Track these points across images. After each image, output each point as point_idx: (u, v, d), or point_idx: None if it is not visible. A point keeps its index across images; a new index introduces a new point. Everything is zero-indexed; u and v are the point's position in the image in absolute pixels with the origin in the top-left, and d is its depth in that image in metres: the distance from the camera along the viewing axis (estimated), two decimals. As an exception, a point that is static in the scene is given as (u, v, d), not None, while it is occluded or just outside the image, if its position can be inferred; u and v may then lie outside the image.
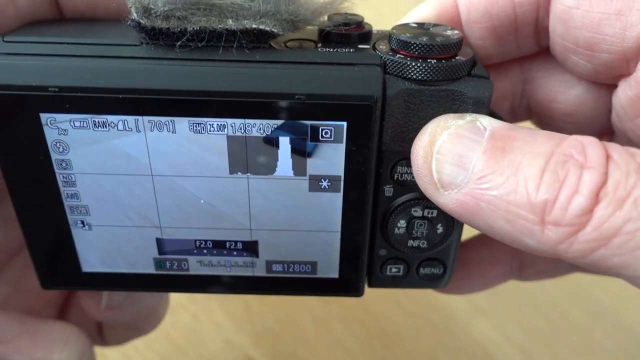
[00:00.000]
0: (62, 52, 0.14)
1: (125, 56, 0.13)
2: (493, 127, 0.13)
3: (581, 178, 0.12)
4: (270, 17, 0.13)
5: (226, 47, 0.13)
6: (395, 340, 0.36)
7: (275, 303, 0.35)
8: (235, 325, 0.35)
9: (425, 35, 0.14)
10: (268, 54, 0.14)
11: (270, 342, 0.35)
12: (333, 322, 0.35)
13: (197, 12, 0.13)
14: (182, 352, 0.34)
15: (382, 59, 0.14)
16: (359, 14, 0.17)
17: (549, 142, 0.12)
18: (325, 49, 0.14)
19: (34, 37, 0.14)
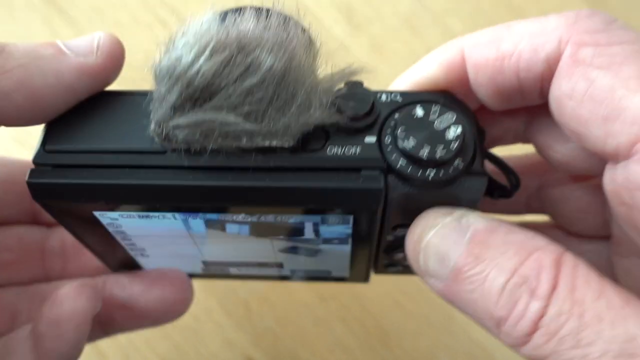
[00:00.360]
0: (102, 162, 0.16)
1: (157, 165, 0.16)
2: (474, 230, 0.15)
3: (528, 306, 0.14)
4: (281, 134, 0.15)
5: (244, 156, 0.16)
6: (395, 340, 0.36)
7: (275, 303, 0.35)
8: (235, 325, 0.35)
9: (429, 137, 0.15)
10: (281, 160, 0.15)
11: (270, 341, 0.35)
12: (333, 322, 0.35)
13: (215, 139, 0.15)
14: (182, 351, 0.34)
15: (386, 161, 0.16)
16: (366, 88, 0.18)
17: (514, 258, 0.14)
18: (333, 151, 0.16)
19: (71, 146, 0.16)
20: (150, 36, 0.40)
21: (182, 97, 0.15)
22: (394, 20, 0.43)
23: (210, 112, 0.15)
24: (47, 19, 0.40)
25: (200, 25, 0.15)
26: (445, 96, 0.17)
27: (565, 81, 0.14)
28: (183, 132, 0.15)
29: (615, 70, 0.14)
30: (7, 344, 0.19)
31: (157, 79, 0.16)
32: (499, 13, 0.44)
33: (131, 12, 0.41)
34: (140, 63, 0.41)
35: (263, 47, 0.15)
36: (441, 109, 0.16)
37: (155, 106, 0.16)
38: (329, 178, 0.15)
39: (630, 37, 0.14)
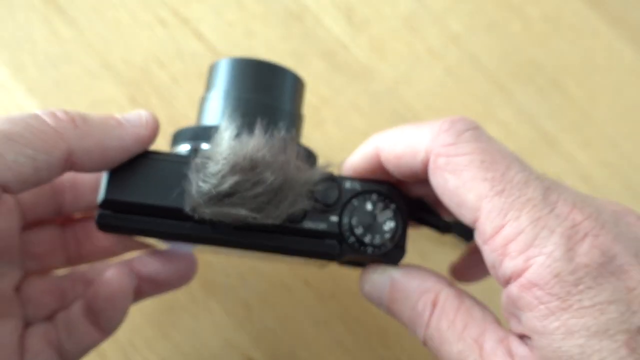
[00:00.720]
0: (149, 212, 0.23)
1: (187, 223, 0.23)
2: (392, 279, 0.23)
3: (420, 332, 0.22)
4: (274, 217, 0.22)
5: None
6: (395, 340, 0.36)
7: (275, 303, 0.35)
8: (235, 325, 0.35)
9: (372, 228, 0.23)
10: (272, 228, 0.23)
11: (270, 341, 0.35)
12: (333, 322, 0.35)
13: (229, 220, 0.22)
14: (181, 351, 0.34)
15: (342, 235, 0.23)
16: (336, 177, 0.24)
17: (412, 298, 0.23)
18: (308, 225, 0.23)
19: (127, 197, 0.23)
20: (150, 36, 0.40)
21: (210, 200, 0.22)
22: (394, 20, 0.43)
23: (228, 207, 0.21)
24: (46, 18, 0.40)
25: (223, 149, 0.22)
26: (389, 186, 0.24)
27: (432, 178, 0.21)
28: (209, 215, 0.22)
29: (458, 175, 0.20)
30: (67, 318, 0.25)
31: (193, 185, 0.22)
32: (499, 13, 0.44)
33: (131, 12, 0.41)
34: (140, 63, 0.41)
35: (267, 168, 0.22)
36: (384, 205, 0.23)
37: (193, 197, 0.22)
38: (302, 242, 0.23)
39: (470, 148, 0.20)
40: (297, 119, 0.27)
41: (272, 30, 0.42)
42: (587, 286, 0.17)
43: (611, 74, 0.44)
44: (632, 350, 0.16)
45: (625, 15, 0.45)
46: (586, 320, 0.17)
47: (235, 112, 0.25)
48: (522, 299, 0.18)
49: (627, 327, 0.17)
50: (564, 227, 0.18)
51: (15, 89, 0.38)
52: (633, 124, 0.43)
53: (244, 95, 0.25)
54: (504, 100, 0.42)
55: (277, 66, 0.26)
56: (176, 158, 0.23)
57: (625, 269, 0.17)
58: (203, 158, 0.22)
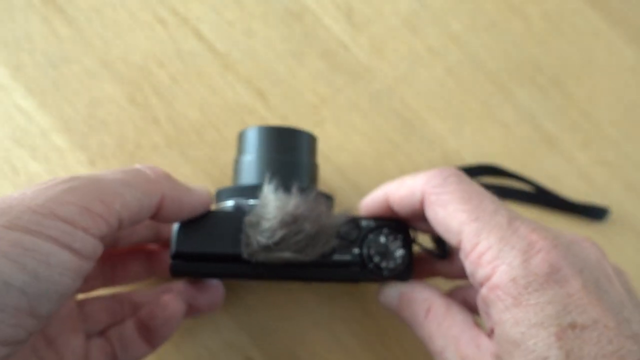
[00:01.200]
0: (212, 259, 0.28)
1: (245, 264, 0.28)
2: (401, 292, 0.29)
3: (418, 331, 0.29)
4: (311, 256, 0.28)
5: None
6: (395, 340, 0.36)
7: (275, 303, 0.35)
8: (234, 325, 0.35)
9: (386, 255, 0.29)
10: (309, 271, 0.29)
11: (270, 342, 0.35)
12: (333, 322, 0.35)
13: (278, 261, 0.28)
14: (181, 352, 0.34)
15: (364, 263, 0.29)
16: (356, 218, 0.30)
17: (413, 308, 0.29)
18: (337, 257, 0.29)
19: (195, 248, 0.28)
20: (149, 36, 0.40)
21: (265, 248, 0.27)
22: (394, 20, 0.43)
23: (277, 252, 0.27)
24: (46, 18, 0.40)
25: (271, 209, 0.27)
26: (398, 222, 0.30)
27: (427, 212, 0.27)
28: (262, 259, 0.27)
29: (445, 207, 0.26)
30: (120, 334, 0.29)
31: (251, 238, 0.27)
32: (499, 13, 0.44)
33: (130, 11, 0.41)
34: (139, 62, 0.41)
35: (305, 220, 0.27)
36: (394, 237, 0.29)
37: (251, 248, 0.27)
38: (333, 272, 0.29)
39: (453, 188, 0.26)
40: (315, 169, 0.33)
41: (272, 29, 0.41)
42: (534, 289, 0.22)
43: (611, 74, 0.44)
44: (559, 339, 0.21)
45: (626, 15, 0.45)
46: (529, 314, 0.22)
47: (268, 171, 0.30)
48: (489, 298, 0.23)
49: (559, 322, 0.21)
50: (522, 244, 0.23)
51: (14, 88, 0.38)
52: (633, 123, 0.42)
53: (273, 157, 0.31)
54: (504, 100, 0.42)
55: (295, 129, 0.32)
56: (228, 215, 0.29)
57: (568, 280, 0.22)
58: (256, 216, 0.28)
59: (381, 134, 0.40)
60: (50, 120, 0.37)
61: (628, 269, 0.39)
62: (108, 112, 0.38)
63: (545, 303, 0.22)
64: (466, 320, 0.26)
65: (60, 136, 0.37)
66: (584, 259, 0.24)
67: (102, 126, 0.38)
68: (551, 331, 0.21)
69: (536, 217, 0.40)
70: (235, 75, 0.40)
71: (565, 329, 0.21)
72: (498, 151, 0.41)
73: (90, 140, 0.37)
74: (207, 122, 0.39)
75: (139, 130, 0.38)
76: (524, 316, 0.22)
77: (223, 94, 0.40)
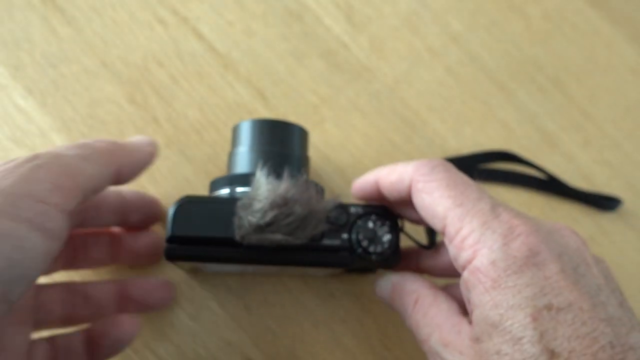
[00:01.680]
0: (206, 242, 0.29)
1: (238, 247, 0.29)
2: (393, 281, 0.30)
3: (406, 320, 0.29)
4: (301, 239, 0.28)
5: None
6: (395, 341, 0.35)
7: (275, 303, 0.35)
8: (234, 325, 0.35)
9: (374, 240, 0.30)
10: (300, 246, 0.29)
11: (270, 342, 0.35)
12: (332, 322, 0.35)
13: (268, 243, 0.28)
14: (180, 352, 0.34)
15: (352, 248, 0.30)
16: (344, 205, 0.30)
17: (403, 298, 0.29)
18: (326, 242, 0.30)
19: (189, 232, 0.28)
20: (149, 35, 0.40)
21: (257, 229, 0.28)
22: (394, 19, 0.43)
23: (269, 234, 0.28)
24: (45, 17, 0.40)
25: (263, 191, 0.28)
26: (385, 208, 0.31)
27: (414, 198, 0.27)
28: (254, 241, 0.28)
29: (431, 194, 0.26)
30: (67, 345, 0.29)
31: (243, 219, 0.28)
32: (500, 12, 0.44)
33: (130, 11, 0.41)
34: (139, 62, 0.41)
35: (296, 203, 0.28)
36: (381, 223, 0.30)
37: (243, 229, 0.28)
38: (322, 256, 0.30)
39: (440, 177, 0.26)
40: (306, 161, 0.34)
41: (271, 29, 0.41)
42: (513, 271, 0.23)
43: (612, 73, 0.43)
44: (534, 319, 0.21)
45: (627, 14, 0.45)
46: (507, 296, 0.22)
47: (261, 161, 0.31)
48: (470, 281, 0.24)
49: (535, 304, 0.22)
50: (503, 228, 0.24)
51: (13, 88, 0.38)
52: (634, 123, 0.42)
53: (265, 148, 0.32)
54: (505, 100, 0.42)
55: (287, 122, 0.33)
56: (221, 200, 0.29)
57: (546, 263, 0.23)
58: (248, 199, 0.28)
59: (381, 134, 0.40)
60: (49, 120, 0.37)
61: (626, 267, 0.39)
62: (108, 112, 0.38)
63: (523, 285, 0.22)
64: (451, 308, 0.27)
65: (60, 136, 0.37)
66: (564, 245, 0.24)
67: (101, 126, 0.38)
68: (527, 312, 0.22)
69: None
70: (235, 75, 0.40)
71: (541, 310, 0.22)
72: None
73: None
74: (207, 122, 0.38)
75: (139, 130, 0.38)
76: (502, 298, 0.22)
77: (223, 94, 0.39)
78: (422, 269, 0.33)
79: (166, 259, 0.29)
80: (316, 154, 0.39)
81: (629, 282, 0.39)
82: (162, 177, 0.37)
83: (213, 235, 0.28)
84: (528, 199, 0.40)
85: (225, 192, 0.31)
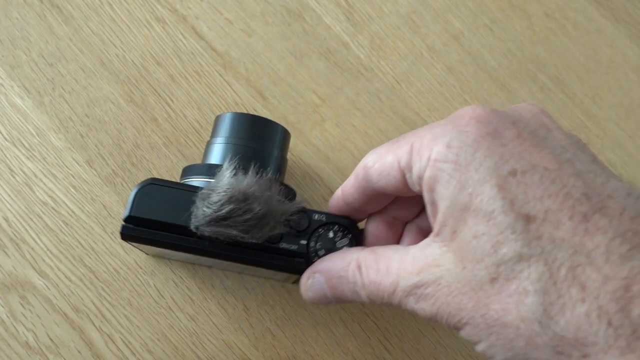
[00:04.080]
0: (162, 228, 0.28)
1: (191, 239, 0.28)
2: (321, 274, 0.28)
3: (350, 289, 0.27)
4: (257, 238, 0.28)
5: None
6: (395, 342, 0.35)
7: (274, 304, 0.35)
8: (233, 326, 0.34)
9: (332, 250, 0.29)
10: (254, 246, 0.29)
11: (269, 343, 0.34)
12: (332, 323, 0.35)
13: (222, 237, 0.28)
14: (179, 353, 0.34)
15: (309, 255, 0.29)
16: (307, 210, 0.30)
17: (341, 265, 0.27)
18: (283, 245, 0.29)
19: (146, 215, 0.28)
20: (147, 34, 0.40)
21: (211, 221, 0.27)
22: (395, 18, 0.43)
23: (223, 227, 0.27)
24: (42, 15, 0.39)
25: (223, 184, 0.27)
26: (349, 220, 0.30)
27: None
28: (208, 233, 0.27)
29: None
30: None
31: (199, 209, 0.27)
32: (501, 10, 0.44)
33: (128, 9, 0.40)
34: (137, 61, 0.40)
35: (255, 200, 0.27)
36: (342, 234, 0.30)
37: (198, 218, 0.27)
38: (277, 259, 0.29)
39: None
40: (283, 162, 0.33)
41: (271, 28, 0.41)
42: (469, 146, 0.22)
43: (615, 72, 0.43)
44: (501, 188, 0.21)
45: (630, 12, 0.45)
46: (471, 173, 0.22)
47: (234, 155, 0.31)
48: (432, 177, 0.23)
49: (498, 173, 0.21)
50: (453, 117, 0.24)
51: (9, 87, 0.37)
52: (637, 123, 0.42)
53: (241, 143, 0.32)
54: (506, 99, 0.42)
55: (269, 120, 0.33)
56: (186, 187, 0.29)
57: (500, 131, 0.22)
58: (208, 189, 0.28)
59: (381, 133, 0.40)
60: (46, 120, 0.37)
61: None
62: (105, 111, 0.38)
63: (483, 157, 0.21)
64: (398, 249, 0.25)
65: (57, 136, 0.37)
66: (518, 115, 0.23)
67: (99, 125, 0.37)
68: (493, 183, 0.21)
69: None
70: (234, 74, 0.40)
71: (506, 178, 0.21)
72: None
73: (87, 140, 0.37)
74: (206, 122, 0.38)
75: (137, 129, 0.37)
76: (466, 177, 0.22)
77: (222, 93, 0.39)
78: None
79: (121, 238, 0.29)
80: (316, 154, 0.38)
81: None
82: (160, 176, 0.37)
83: (170, 221, 0.28)
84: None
85: (193, 180, 0.31)
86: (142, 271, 0.35)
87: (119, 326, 0.34)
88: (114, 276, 0.35)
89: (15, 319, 0.33)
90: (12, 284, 0.34)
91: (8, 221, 0.35)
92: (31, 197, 0.35)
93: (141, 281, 0.35)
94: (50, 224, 0.35)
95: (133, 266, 0.35)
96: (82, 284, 0.34)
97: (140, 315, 0.34)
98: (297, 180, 0.38)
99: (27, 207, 0.35)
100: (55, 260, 0.34)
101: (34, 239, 0.35)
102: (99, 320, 0.34)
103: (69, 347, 0.33)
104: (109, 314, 0.34)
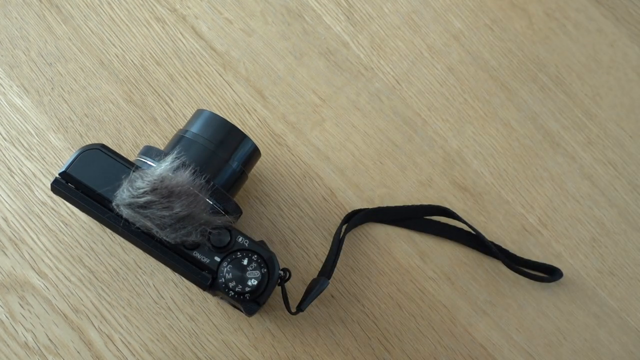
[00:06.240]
0: (90, 194, 0.30)
1: (110, 213, 0.29)
2: None
3: None
4: (171, 238, 0.28)
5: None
6: (395, 342, 0.35)
7: (274, 304, 0.35)
8: (233, 327, 0.34)
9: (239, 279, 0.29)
10: (165, 252, 0.30)
11: (269, 344, 0.34)
12: (332, 323, 0.35)
13: (136, 224, 0.29)
14: (179, 353, 0.34)
15: (218, 273, 0.30)
16: (229, 231, 0.30)
17: None
18: (197, 255, 0.29)
19: (79, 178, 0.30)
20: (147, 34, 0.40)
21: (129, 205, 0.28)
22: (395, 18, 0.42)
23: (140, 216, 0.28)
24: (42, 15, 0.39)
25: (154, 173, 0.28)
26: (273, 255, 0.30)
27: None
28: (125, 215, 0.28)
29: None
30: None
31: (122, 189, 0.28)
32: (501, 10, 0.44)
33: (127, 9, 0.40)
34: (137, 61, 0.40)
35: (179, 200, 0.28)
36: (257, 266, 0.29)
37: (118, 197, 0.28)
38: (186, 265, 0.30)
39: None
40: (240, 177, 0.33)
41: (271, 27, 0.41)
42: None
43: (616, 72, 0.43)
44: None
45: (630, 12, 0.45)
46: None
47: (189, 152, 0.31)
48: None
49: None
50: None
51: (8, 87, 0.37)
52: (638, 122, 0.42)
53: (202, 142, 0.31)
54: (506, 99, 0.41)
55: (239, 131, 0.32)
56: (126, 162, 0.30)
57: None
58: (139, 173, 0.28)
59: (382, 133, 0.40)
60: (46, 120, 0.37)
61: (624, 271, 0.39)
62: (105, 111, 0.38)
63: None
64: None
65: (56, 135, 0.37)
66: None
67: (99, 125, 0.37)
68: None
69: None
70: (234, 74, 0.40)
71: None
72: (500, 151, 0.40)
73: (87, 139, 0.37)
74: (206, 121, 0.38)
75: (137, 129, 0.37)
76: None
77: (221, 93, 0.39)
78: None
79: (50, 189, 0.30)
80: (316, 154, 0.38)
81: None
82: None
83: (96, 190, 0.29)
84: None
85: (141, 159, 0.31)
86: (142, 271, 0.35)
87: (118, 326, 0.34)
88: (113, 276, 0.34)
89: (15, 320, 0.33)
90: (11, 285, 0.34)
91: (7, 221, 0.35)
92: (30, 197, 0.35)
93: (141, 281, 0.35)
94: (50, 224, 0.35)
95: (132, 266, 0.35)
96: (81, 284, 0.34)
97: (140, 315, 0.34)
98: (297, 180, 0.38)
99: (26, 207, 0.35)
100: (54, 260, 0.34)
101: (33, 239, 0.34)
102: (98, 320, 0.34)
103: (68, 347, 0.33)
104: (108, 314, 0.34)
